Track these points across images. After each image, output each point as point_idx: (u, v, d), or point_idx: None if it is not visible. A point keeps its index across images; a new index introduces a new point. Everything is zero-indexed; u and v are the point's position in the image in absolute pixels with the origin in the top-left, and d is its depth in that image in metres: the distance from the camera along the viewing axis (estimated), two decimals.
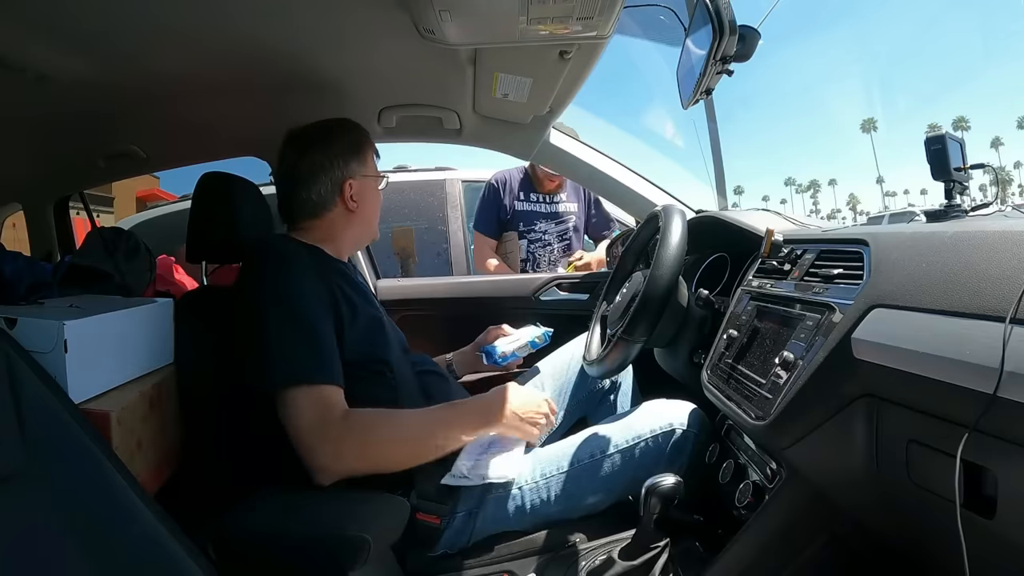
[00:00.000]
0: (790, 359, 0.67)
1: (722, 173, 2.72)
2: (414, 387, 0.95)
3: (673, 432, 0.93)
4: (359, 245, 1.10)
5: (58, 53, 0.89)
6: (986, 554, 0.47)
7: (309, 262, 0.88)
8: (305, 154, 0.95)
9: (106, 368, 0.73)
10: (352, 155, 0.98)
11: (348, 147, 0.98)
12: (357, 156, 0.98)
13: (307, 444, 0.76)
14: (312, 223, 0.97)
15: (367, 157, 1.01)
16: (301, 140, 0.97)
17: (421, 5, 0.81)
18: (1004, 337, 0.43)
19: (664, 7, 1.12)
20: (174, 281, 1.41)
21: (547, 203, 1.95)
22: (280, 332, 0.80)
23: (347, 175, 0.97)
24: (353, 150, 0.98)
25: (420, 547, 0.85)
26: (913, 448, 0.53)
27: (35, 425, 0.54)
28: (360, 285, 0.98)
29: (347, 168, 0.97)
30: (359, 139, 1.00)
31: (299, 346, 0.79)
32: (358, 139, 1.00)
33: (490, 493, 0.89)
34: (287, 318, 0.81)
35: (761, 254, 0.88)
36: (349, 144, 0.98)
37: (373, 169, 1.02)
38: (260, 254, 0.89)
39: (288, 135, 0.99)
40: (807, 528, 0.72)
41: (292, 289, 0.83)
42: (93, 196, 2.12)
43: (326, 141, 0.97)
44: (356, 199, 0.97)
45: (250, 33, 0.93)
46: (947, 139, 0.88)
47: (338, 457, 0.76)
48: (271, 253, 0.89)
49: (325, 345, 0.81)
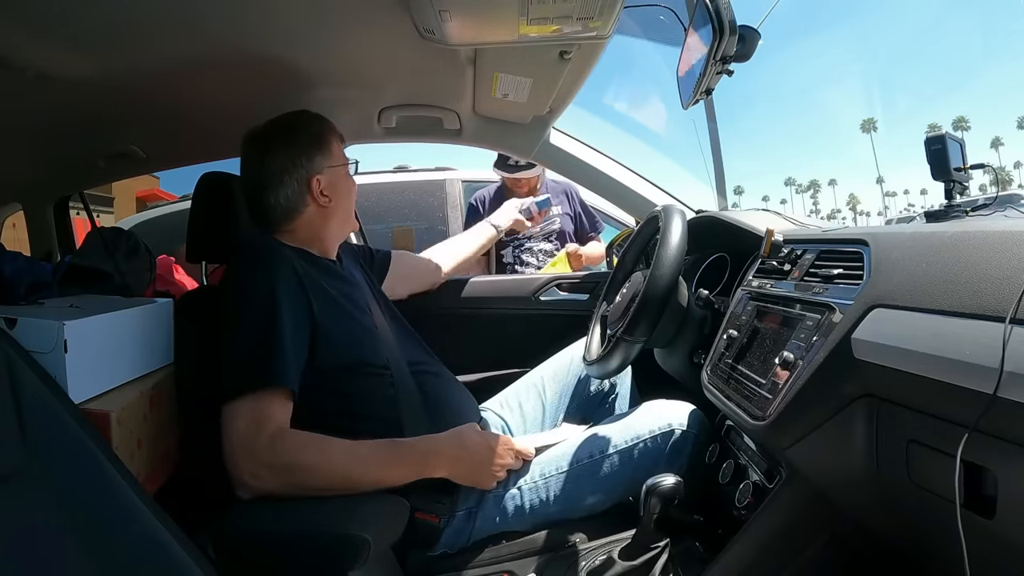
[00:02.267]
0: (790, 359, 0.67)
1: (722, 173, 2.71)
2: (412, 387, 0.94)
3: (672, 432, 0.93)
4: (343, 237, 1.06)
5: (58, 53, 0.89)
6: (986, 554, 0.47)
7: (287, 265, 0.85)
8: (266, 155, 0.93)
9: (106, 368, 0.73)
10: (315, 150, 0.95)
11: (310, 142, 0.95)
12: (320, 149, 0.95)
13: (229, 454, 0.73)
14: (290, 226, 0.95)
15: (331, 148, 0.97)
16: (262, 141, 0.94)
17: (421, 5, 0.81)
18: (1004, 337, 0.43)
19: (664, 7, 1.12)
20: (174, 281, 1.41)
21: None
22: (234, 339, 0.79)
23: (312, 171, 0.94)
24: (315, 144, 0.95)
25: (420, 547, 0.85)
26: (913, 448, 0.53)
27: (35, 425, 0.54)
28: (352, 280, 0.97)
29: (311, 164, 0.94)
30: (320, 131, 0.97)
31: (249, 354, 0.77)
32: (319, 131, 0.97)
33: (490, 492, 0.89)
34: (244, 322, 0.79)
35: (761, 254, 0.88)
36: (311, 138, 0.95)
37: (340, 158, 0.99)
38: (238, 255, 0.88)
39: (247, 136, 0.96)
40: (807, 528, 0.72)
41: (257, 292, 0.81)
42: (93, 196, 2.11)
43: (287, 140, 0.94)
44: (327, 193, 0.95)
45: (250, 33, 0.93)
46: (947, 139, 0.88)
47: (256, 476, 0.72)
48: (246, 254, 0.87)
49: (279, 349, 0.77)
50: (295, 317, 0.81)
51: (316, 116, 0.98)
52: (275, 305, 0.80)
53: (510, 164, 1.89)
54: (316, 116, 0.98)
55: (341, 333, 0.87)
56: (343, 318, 0.89)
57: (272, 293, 0.81)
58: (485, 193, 2.04)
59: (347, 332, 0.88)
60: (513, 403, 1.16)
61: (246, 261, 0.87)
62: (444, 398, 0.98)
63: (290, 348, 0.79)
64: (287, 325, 0.79)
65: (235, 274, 0.87)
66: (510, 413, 1.15)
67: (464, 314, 1.34)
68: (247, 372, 0.76)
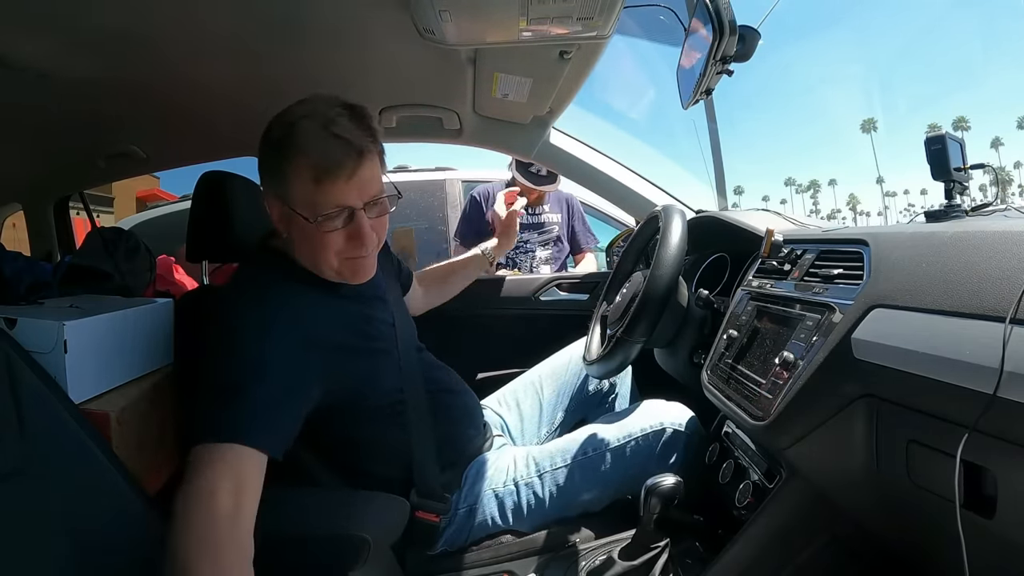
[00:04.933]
0: (790, 359, 0.67)
1: (722, 173, 2.71)
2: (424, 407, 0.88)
3: (663, 431, 0.93)
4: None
5: (58, 53, 0.89)
6: (986, 554, 0.47)
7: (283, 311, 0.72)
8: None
9: (106, 368, 0.73)
10: (271, 174, 0.74)
11: (269, 161, 0.74)
12: (277, 177, 0.73)
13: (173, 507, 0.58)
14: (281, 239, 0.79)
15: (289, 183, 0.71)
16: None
17: (421, 5, 0.81)
18: (1004, 337, 0.43)
19: (664, 7, 1.12)
20: (174, 281, 1.41)
21: (530, 214, 1.98)
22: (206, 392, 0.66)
23: (267, 193, 0.76)
24: (273, 168, 0.73)
25: (420, 546, 0.85)
26: (913, 448, 0.53)
27: (35, 425, 0.54)
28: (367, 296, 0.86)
29: (266, 184, 0.76)
30: (277, 162, 0.71)
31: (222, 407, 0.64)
32: (276, 163, 0.72)
33: (488, 488, 0.90)
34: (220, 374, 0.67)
35: (761, 254, 0.88)
36: (270, 158, 0.73)
37: (304, 203, 0.71)
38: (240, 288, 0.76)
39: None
40: (807, 528, 0.72)
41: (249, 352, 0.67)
42: (93, 196, 2.11)
43: (262, 144, 0.74)
44: (282, 228, 0.76)
45: (249, 34, 0.93)
46: (947, 139, 0.88)
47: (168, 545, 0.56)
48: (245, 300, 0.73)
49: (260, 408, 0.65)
50: (287, 381, 0.69)
51: (281, 140, 0.71)
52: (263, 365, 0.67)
53: (532, 172, 1.82)
54: (281, 140, 0.71)
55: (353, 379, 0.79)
56: (355, 361, 0.79)
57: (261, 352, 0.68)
58: (490, 189, 2.00)
59: (359, 376, 0.80)
60: (511, 401, 1.17)
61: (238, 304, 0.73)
62: (456, 412, 0.96)
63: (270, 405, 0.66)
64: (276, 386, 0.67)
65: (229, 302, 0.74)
66: (507, 411, 1.15)
67: (464, 314, 1.34)
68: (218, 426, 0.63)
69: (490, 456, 0.96)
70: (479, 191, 2.04)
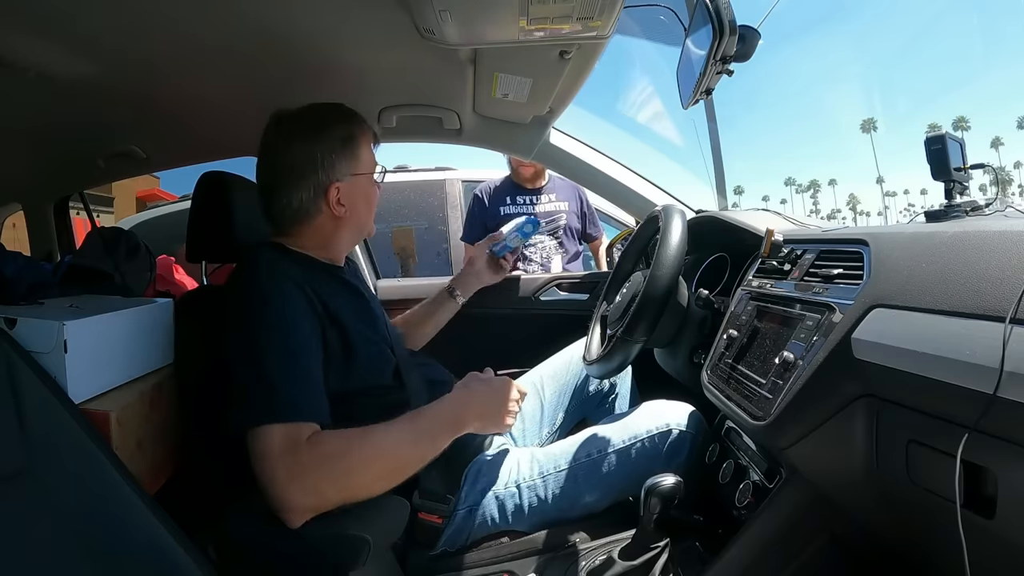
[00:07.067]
0: (790, 359, 0.67)
1: (722, 173, 2.71)
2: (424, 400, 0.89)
3: (670, 433, 0.93)
4: (355, 244, 0.99)
5: (58, 53, 0.89)
6: (986, 554, 0.47)
7: (296, 289, 0.77)
8: (288, 148, 0.85)
9: (106, 368, 0.73)
10: (340, 154, 0.86)
11: (338, 144, 0.86)
12: (347, 154, 0.87)
13: (270, 479, 0.65)
14: (299, 230, 0.88)
15: (359, 152, 0.88)
16: (287, 129, 0.86)
17: (421, 5, 0.81)
18: (1004, 337, 0.43)
19: (664, 7, 1.12)
20: (174, 281, 1.41)
21: (532, 204, 1.98)
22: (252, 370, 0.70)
23: (333, 178, 0.86)
24: (343, 148, 0.86)
25: (420, 546, 0.85)
26: (913, 448, 0.53)
27: (35, 425, 0.54)
28: (358, 288, 0.92)
29: (333, 170, 0.85)
30: (350, 133, 0.88)
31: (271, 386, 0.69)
32: (350, 134, 0.88)
33: (489, 490, 0.89)
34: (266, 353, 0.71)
35: (761, 254, 0.88)
36: (339, 141, 0.86)
37: (368, 164, 0.90)
38: (246, 271, 0.80)
39: (275, 116, 0.88)
40: (807, 528, 0.72)
41: (274, 319, 0.74)
42: (93, 196, 2.12)
43: (314, 137, 0.85)
44: (344, 203, 0.87)
45: (249, 33, 0.92)
46: (947, 139, 0.88)
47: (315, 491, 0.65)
48: (257, 275, 0.78)
49: (305, 381, 0.72)
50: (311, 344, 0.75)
51: (350, 115, 0.89)
52: (294, 332, 0.73)
53: None
54: (350, 115, 0.89)
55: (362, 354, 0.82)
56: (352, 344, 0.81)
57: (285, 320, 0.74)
58: (491, 184, 2.03)
59: (366, 355, 0.83)
60: None
61: (255, 283, 0.78)
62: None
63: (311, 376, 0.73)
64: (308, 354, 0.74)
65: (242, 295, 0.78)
66: None
67: (464, 314, 1.34)
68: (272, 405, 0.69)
69: (491, 456, 0.96)
70: (481, 188, 2.05)
